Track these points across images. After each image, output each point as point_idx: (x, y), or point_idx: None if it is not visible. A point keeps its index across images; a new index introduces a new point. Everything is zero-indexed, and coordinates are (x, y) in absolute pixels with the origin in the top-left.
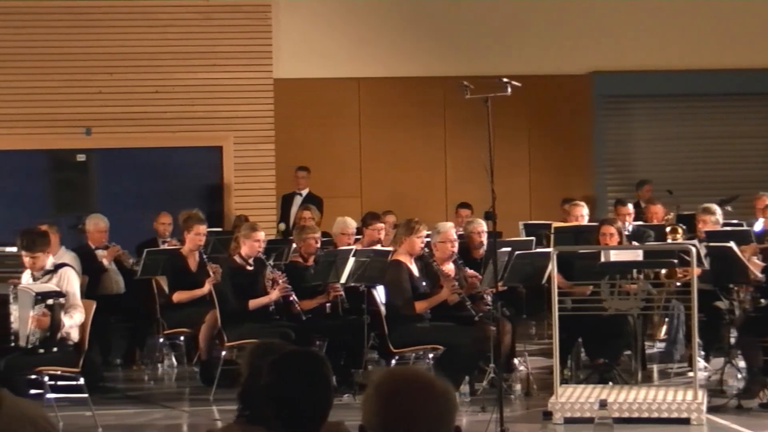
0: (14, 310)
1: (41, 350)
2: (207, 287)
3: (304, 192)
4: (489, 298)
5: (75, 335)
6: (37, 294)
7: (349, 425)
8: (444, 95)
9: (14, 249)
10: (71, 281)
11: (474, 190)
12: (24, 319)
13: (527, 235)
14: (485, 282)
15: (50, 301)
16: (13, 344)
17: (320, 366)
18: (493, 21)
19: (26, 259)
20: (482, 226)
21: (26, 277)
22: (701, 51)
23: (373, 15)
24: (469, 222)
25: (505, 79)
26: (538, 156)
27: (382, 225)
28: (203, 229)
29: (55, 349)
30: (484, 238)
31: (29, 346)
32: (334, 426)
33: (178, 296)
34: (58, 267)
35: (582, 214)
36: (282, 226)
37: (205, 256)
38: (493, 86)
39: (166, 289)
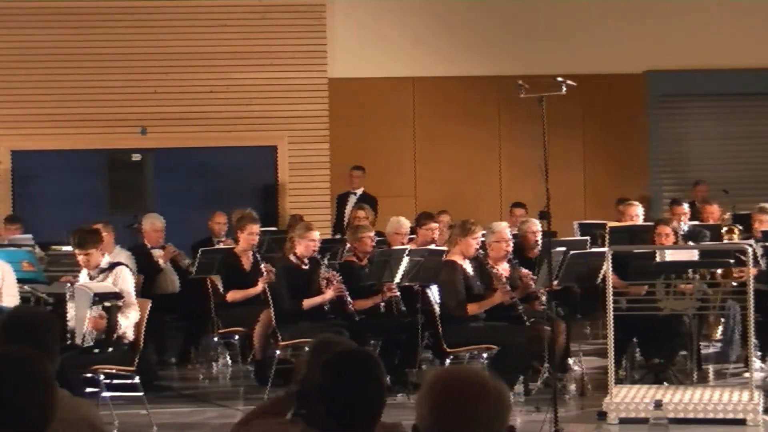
0: (71, 308)
1: (96, 350)
2: (260, 286)
3: (359, 191)
4: (544, 298)
5: (130, 334)
6: (96, 294)
7: (404, 425)
8: (499, 94)
9: (70, 248)
10: (126, 280)
11: (528, 190)
12: (80, 318)
13: (582, 235)
14: (540, 282)
15: (107, 303)
16: (69, 342)
17: (373, 365)
18: (548, 20)
19: (80, 258)
20: (537, 225)
21: (83, 277)
22: (757, 49)
23: (427, 14)
24: (523, 222)
25: (560, 79)
26: (592, 155)
27: (436, 225)
28: (256, 228)
29: (110, 350)
30: (539, 238)
31: (84, 345)
32: (391, 427)
33: (232, 295)
34: (113, 266)
35: (637, 214)
36: None
37: (258, 256)
38: (548, 85)
39: (220, 288)
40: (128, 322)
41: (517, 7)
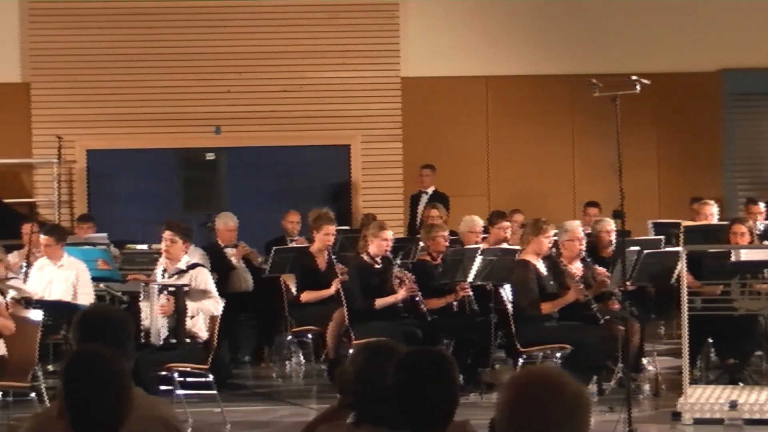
0: (145, 307)
1: (173, 340)
2: (334, 288)
3: (430, 190)
4: (619, 296)
5: (204, 333)
6: (160, 285)
7: (476, 424)
8: (572, 93)
9: (145, 247)
10: (206, 279)
11: (602, 189)
12: (154, 316)
13: (656, 234)
14: (614, 281)
15: (172, 288)
16: (143, 341)
17: (446, 365)
18: (622, 18)
19: (164, 242)
20: (611, 225)
21: (159, 276)
22: None
23: (500, 13)
24: (597, 221)
25: (633, 77)
26: (666, 154)
27: (508, 224)
28: (333, 229)
29: (188, 340)
30: (613, 237)
31: (161, 342)
32: (460, 426)
33: (306, 296)
34: (190, 267)
35: (711, 213)
36: None
37: (333, 256)
38: (622, 84)
39: (293, 287)
40: (206, 307)
41: (591, 4)
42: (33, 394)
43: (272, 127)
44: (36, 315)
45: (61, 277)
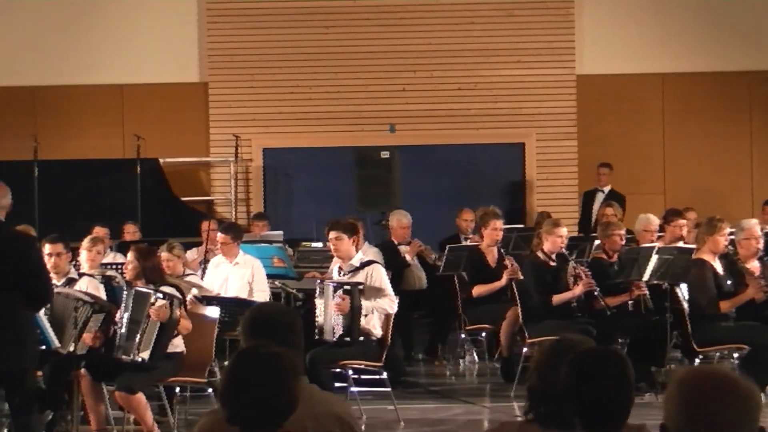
0: (319, 305)
1: (347, 338)
2: (504, 279)
3: (606, 189)
4: None
5: (378, 330)
6: (336, 283)
7: (651, 425)
8: (749, 90)
9: (320, 244)
10: (379, 276)
11: None
12: (328, 313)
13: None
14: None
15: (347, 287)
16: (317, 338)
17: (621, 364)
18: None
19: (330, 242)
20: None
21: (335, 274)
22: None
23: (677, 9)
24: None
25: None
26: None
27: (684, 222)
28: (500, 224)
29: (361, 339)
30: None
31: (334, 339)
32: (636, 429)
33: (478, 290)
34: (363, 265)
35: None
36: None
37: (503, 251)
38: None
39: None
40: (375, 305)
41: None
42: (210, 390)
43: (447, 125)
44: (213, 312)
45: (237, 275)
